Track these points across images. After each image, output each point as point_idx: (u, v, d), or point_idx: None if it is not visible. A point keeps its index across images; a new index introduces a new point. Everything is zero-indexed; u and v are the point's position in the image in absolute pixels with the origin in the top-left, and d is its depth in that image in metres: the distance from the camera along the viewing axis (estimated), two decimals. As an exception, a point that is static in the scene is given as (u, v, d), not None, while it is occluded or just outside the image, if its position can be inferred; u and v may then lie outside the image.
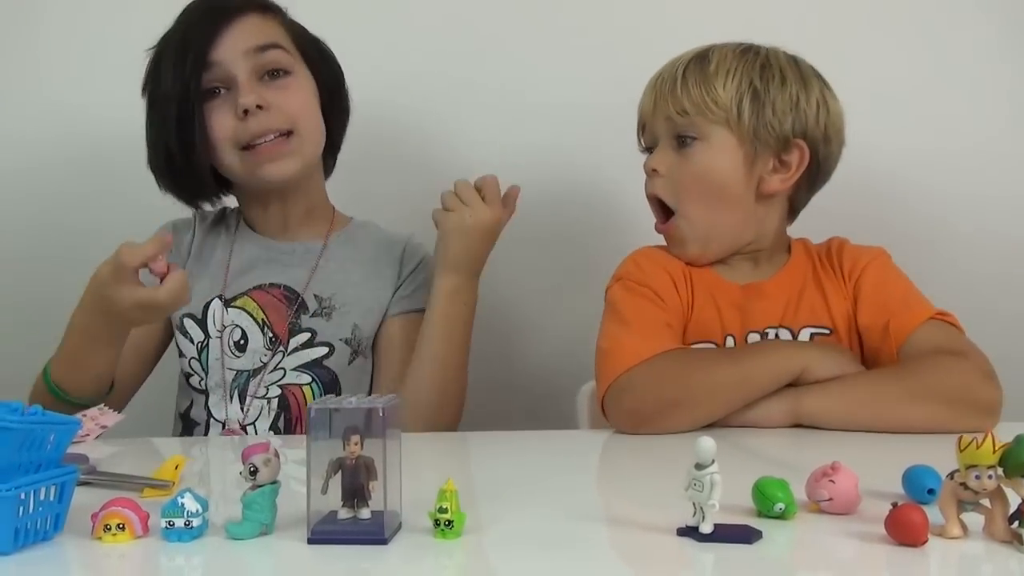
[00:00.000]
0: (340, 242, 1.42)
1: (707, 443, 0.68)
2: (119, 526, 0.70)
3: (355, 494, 0.70)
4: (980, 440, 0.66)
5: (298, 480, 0.70)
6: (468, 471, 1.04)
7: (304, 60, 1.35)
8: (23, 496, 0.67)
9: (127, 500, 0.72)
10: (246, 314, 1.34)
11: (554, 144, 1.74)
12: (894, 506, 0.68)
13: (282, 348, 1.33)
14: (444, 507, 0.69)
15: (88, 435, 1.11)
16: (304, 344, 1.34)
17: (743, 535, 0.69)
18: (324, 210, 1.44)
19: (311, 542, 0.69)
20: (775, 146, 1.26)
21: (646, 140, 1.35)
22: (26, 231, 1.72)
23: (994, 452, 0.66)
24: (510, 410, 1.76)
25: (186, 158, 1.29)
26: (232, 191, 1.42)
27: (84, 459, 0.92)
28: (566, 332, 1.70)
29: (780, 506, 0.73)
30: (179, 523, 0.69)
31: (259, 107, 1.28)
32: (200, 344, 1.34)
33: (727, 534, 0.68)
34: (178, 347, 1.37)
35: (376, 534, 0.69)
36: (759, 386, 1.14)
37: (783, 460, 1.04)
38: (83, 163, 1.72)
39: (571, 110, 1.71)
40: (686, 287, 1.28)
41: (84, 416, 1.12)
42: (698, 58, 1.28)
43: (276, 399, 1.32)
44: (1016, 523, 0.67)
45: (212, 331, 1.34)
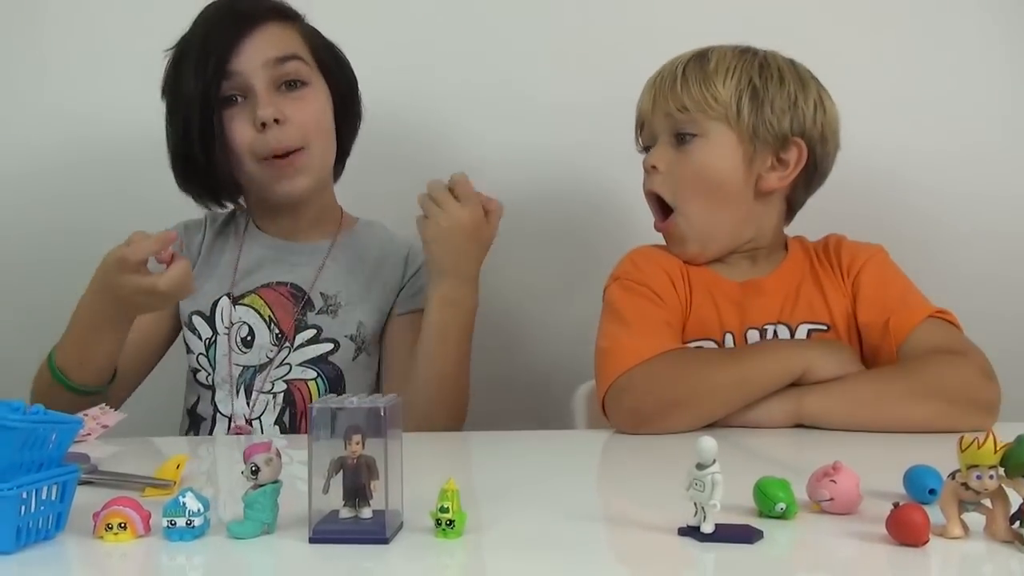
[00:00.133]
0: (347, 242, 1.44)
1: (708, 443, 0.68)
2: (121, 525, 0.70)
3: (356, 493, 0.70)
4: (981, 440, 0.66)
5: (302, 479, 0.70)
6: (469, 471, 1.04)
7: (320, 68, 1.37)
8: (25, 495, 0.68)
9: (129, 499, 0.72)
10: (253, 311, 1.37)
11: (554, 143, 1.74)
12: (895, 506, 0.68)
13: (288, 344, 1.35)
14: (445, 507, 0.69)
15: (90, 434, 1.11)
16: (310, 340, 1.35)
17: (744, 535, 0.69)
18: (332, 212, 1.46)
19: (312, 541, 0.69)
20: (773, 144, 1.26)
21: (644, 139, 1.35)
22: (29, 233, 1.73)
23: (995, 452, 0.66)
24: (509, 409, 1.76)
25: (207, 163, 1.32)
26: (243, 193, 1.43)
27: (86, 458, 0.92)
28: (566, 331, 1.70)
29: (781, 506, 0.73)
30: (181, 522, 0.69)
31: (276, 120, 1.29)
32: (208, 341, 1.36)
33: (728, 534, 0.68)
34: (186, 344, 1.39)
35: (377, 533, 0.69)
36: (760, 386, 1.14)
37: (784, 460, 1.04)
38: (86, 164, 1.72)
39: (571, 110, 1.71)
40: (684, 285, 1.28)
41: (86, 415, 1.12)
42: (698, 57, 1.29)
43: (282, 394, 1.34)
44: (1017, 523, 0.67)
45: (220, 328, 1.36)
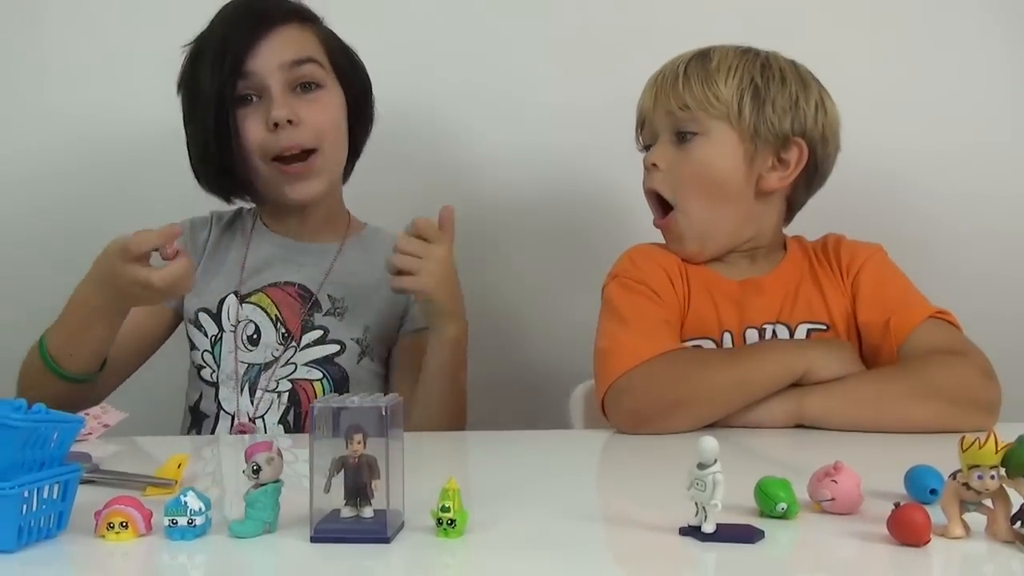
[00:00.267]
0: (355, 246, 1.45)
1: (710, 443, 0.68)
2: (122, 524, 0.70)
3: (358, 493, 0.70)
4: (983, 440, 0.66)
5: (307, 478, 0.70)
6: (470, 470, 1.04)
7: (335, 71, 1.37)
8: (26, 494, 0.68)
9: (130, 498, 0.72)
10: (260, 310, 1.37)
11: (554, 144, 1.74)
12: (896, 506, 0.68)
13: (294, 343, 1.35)
14: (446, 506, 0.69)
15: (91, 434, 1.11)
16: (316, 340, 1.36)
17: (745, 535, 0.69)
18: (340, 214, 1.47)
19: (314, 541, 0.69)
20: (774, 143, 1.26)
21: (645, 137, 1.35)
22: (30, 233, 1.72)
23: (996, 452, 0.66)
24: (507, 409, 1.76)
25: (221, 160, 1.33)
26: (255, 192, 1.43)
27: (87, 457, 0.93)
28: (564, 331, 1.70)
29: (782, 506, 0.73)
30: (182, 521, 0.70)
31: (289, 121, 1.30)
32: (214, 338, 1.36)
33: (729, 534, 0.68)
34: (191, 340, 1.38)
35: (379, 533, 0.69)
36: (761, 387, 1.14)
37: (785, 460, 1.04)
38: (86, 164, 1.73)
39: (571, 110, 1.72)
40: (682, 283, 1.28)
41: (87, 415, 1.12)
42: (699, 56, 1.29)
43: (287, 393, 1.34)
44: (1018, 523, 0.67)
45: (226, 325, 1.36)
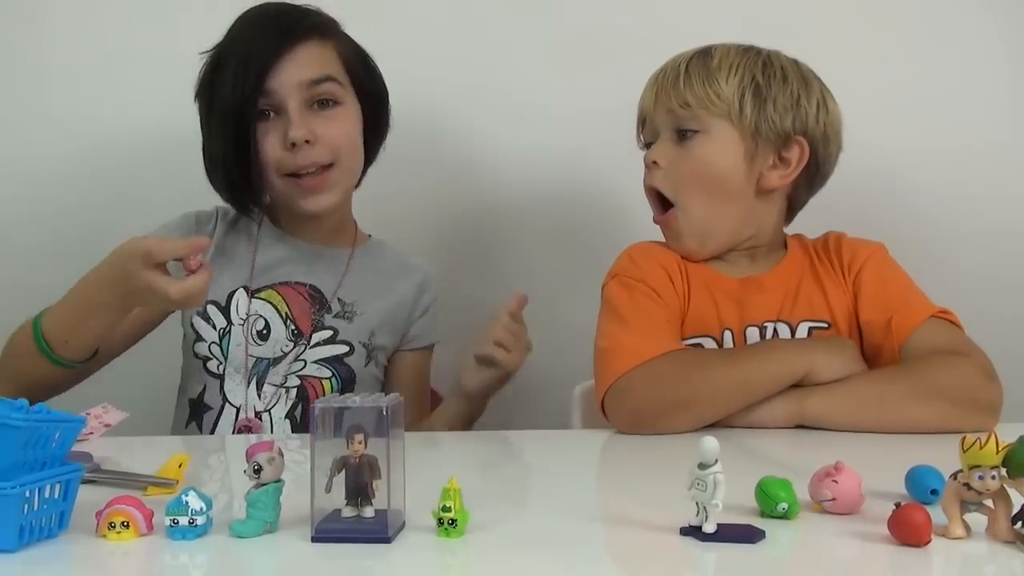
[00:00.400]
0: (364, 255, 1.46)
1: (711, 443, 0.68)
2: (123, 524, 0.70)
3: (359, 493, 0.70)
4: (984, 440, 0.66)
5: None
6: (471, 470, 1.04)
7: (353, 83, 1.38)
8: (28, 494, 0.68)
9: (131, 498, 0.72)
10: (271, 306, 1.38)
11: (554, 144, 1.74)
12: (897, 506, 0.68)
13: (304, 341, 1.36)
14: (447, 506, 0.69)
15: (92, 433, 1.11)
16: (326, 340, 1.38)
17: (746, 535, 0.69)
18: (349, 223, 1.49)
19: (315, 540, 0.69)
20: (776, 142, 1.26)
21: (646, 135, 1.35)
22: (32, 235, 1.72)
23: (997, 452, 0.66)
24: (506, 409, 1.76)
25: (240, 172, 1.34)
26: (268, 202, 1.44)
27: (88, 457, 0.93)
28: (566, 331, 1.70)
29: (783, 506, 0.73)
30: (183, 521, 0.70)
31: (307, 141, 1.31)
32: (222, 331, 1.36)
33: (730, 534, 0.68)
34: (196, 332, 1.37)
35: (380, 533, 0.69)
36: (763, 388, 1.14)
37: (786, 460, 1.04)
38: (87, 166, 1.72)
39: (572, 111, 1.72)
40: (682, 280, 1.28)
41: (88, 414, 1.12)
42: (701, 54, 1.29)
43: (295, 389, 1.35)
44: (1019, 524, 0.67)
45: (235, 319, 1.37)
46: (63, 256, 1.65)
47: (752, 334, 1.25)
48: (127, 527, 0.70)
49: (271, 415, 1.34)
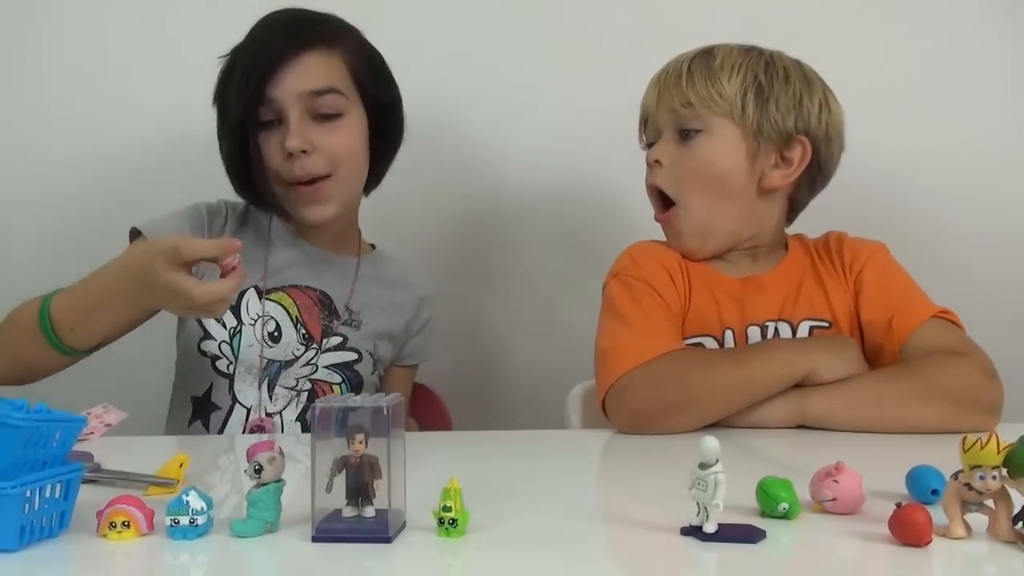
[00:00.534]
0: (369, 265, 1.47)
1: (711, 443, 0.68)
2: (124, 523, 0.70)
3: (359, 492, 0.70)
4: (984, 440, 0.66)
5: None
6: (472, 470, 1.04)
7: (359, 92, 1.36)
8: (28, 493, 0.68)
9: (132, 498, 0.72)
10: (281, 308, 1.37)
11: (555, 144, 1.74)
12: (898, 506, 0.68)
13: (316, 345, 1.37)
14: (448, 506, 0.69)
15: (93, 433, 1.11)
16: (336, 346, 1.38)
17: (747, 535, 0.69)
18: (354, 231, 1.48)
19: (315, 540, 0.69)
20: (778, 141, 1.26)
21: (648, 135, 1.35)
22: (30, 235, 1.72)
23: (998, 453, 0.66)
24: (506, 409, 1.76)
25: (247, 178, 1.34)
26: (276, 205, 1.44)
27: (89, 457, 0.92)
28: (565, 331, 1.70)
29: (784, 506, 0.73)
30: (184, 521, 0.70)
31: (304, 151, 1.30)
32: (232, 330, 1.35)
33: (731, 534, 0.68)
34: (203, 329, 1.35)
35: (380, 532, 0.69)
36: (764, 388, 1.14)
37: (787, 460, 1.04)
38: (87, 167, 1.72)
39: (572, 112, 1.72)
40: (683, 279, 1.28)
41: (89, 414, 1.12)
42: (703, 54, 1.29)
43: (306, 392, 1.36)
44: (1020, 524, 0.67)
45: (245, 319, 1.36)
46: (63, 257, 1.65)
47: (753, 333, 1.25)
48: (128, 527, 0.70)
49: (282, 417, 1.34)
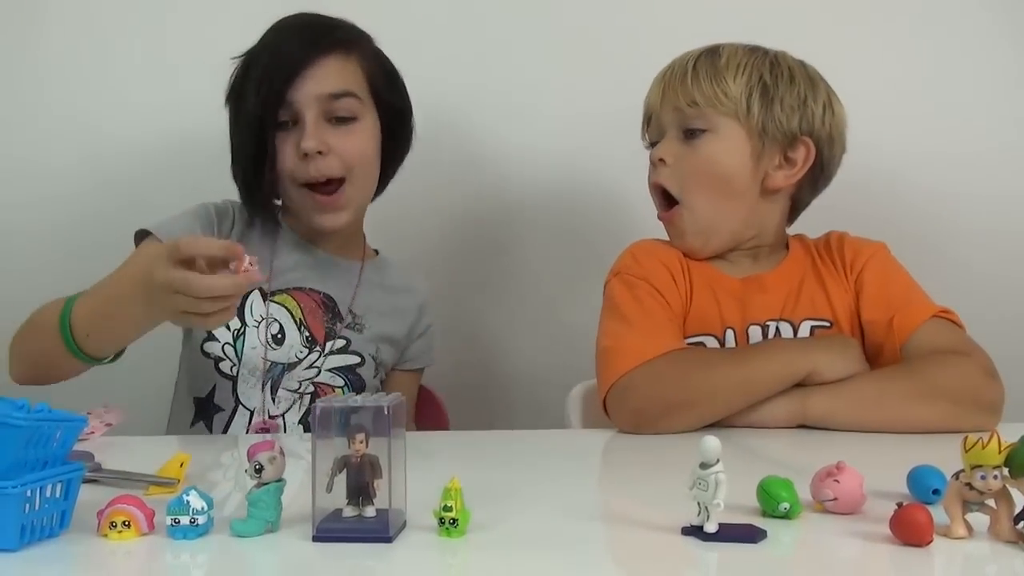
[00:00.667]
0: (372, 270, 1.47)
1: (712, 442, 0.68)
2: (124, 523, 0.70)
3: (360, 492, 0.70)
4: (986, 440, 0.66)
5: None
6: (472, 470, 1.04)
7: (374, 98, 1.37)
8: (29, 493, 0.68)
9: (132, 497, 0.72)
10: (285, 310, 1.38)
11: (555, 144, 1.74)
12: (899, 506, 0.68)
13: (319, 348, 1.37)
14: (449, 505, 0.69)
15: (93, 432, 1.11)
16: (340, 349, 1.38)
17: (748, 535, 0.69)
18: (359, 236, 1.49)
19: (316, 540, 0.69)
20: (782, 142, 1.26)
21: (651, 134, 1.35)
22: (30, 236, 1.72)
23: (999, 452, 0.66)
24: (506, 409, 1.76)
25: (260, 179, 1.34)
26: (284, 209, 1.44)
27: (90, 456, 0.92)
28: (566, 330, 1.70)
29: (785, 506, 0.73)
30: (184, 520, 0.70)
31: (319, 152, 1.31)
32: (236, 332, 1.35)
33: (732, 533, 0.68)
34: (207, 331, 1.34)
35: (381, 532, 0.69)
36: (765, 388, 1.14)
37: (788, 460, 1.04)
38: (88, 167, 1.72)
39: (573, 112, 1.72)
40: (684, 278, 1.28)
41: (90, 414, 1.12)
42: (708, 52, 1.29)
43: (309, 395, 1.36)
44: (1021, 523, 0.67)
45: (250, 320, 1.36)
46: (63, 258, 1.66)
47: (754, 333, 1.25)
48: (128, 526, 0.70)
49: (285, 420, 1.34)
